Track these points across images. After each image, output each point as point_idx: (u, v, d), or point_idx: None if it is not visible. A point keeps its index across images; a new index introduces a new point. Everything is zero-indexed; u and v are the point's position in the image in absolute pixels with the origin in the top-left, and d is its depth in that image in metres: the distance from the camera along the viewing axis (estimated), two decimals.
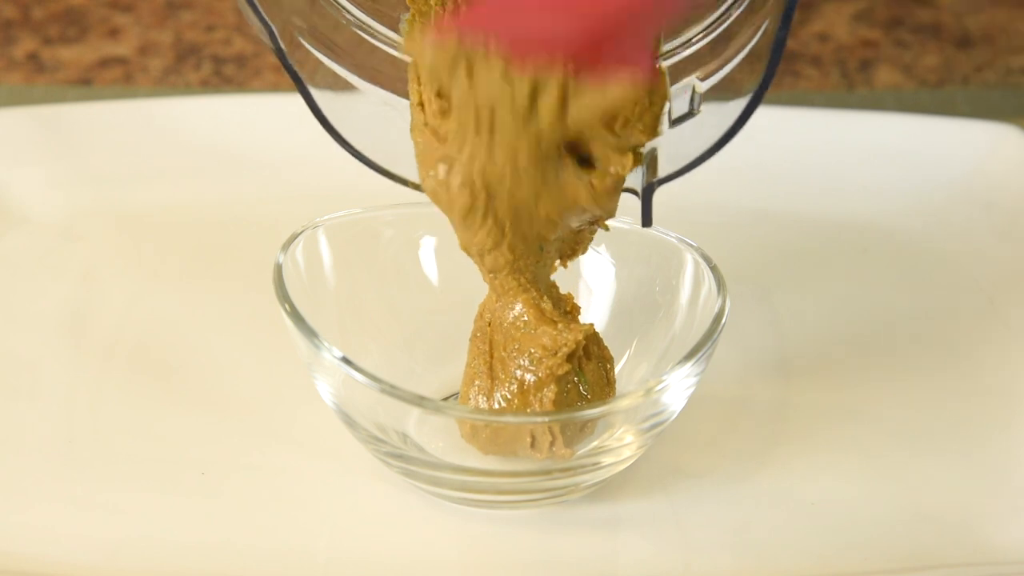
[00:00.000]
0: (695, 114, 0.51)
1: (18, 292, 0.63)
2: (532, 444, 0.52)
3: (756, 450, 0.56)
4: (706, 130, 0.50)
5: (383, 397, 0.50)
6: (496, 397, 0.53)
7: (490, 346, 0.54)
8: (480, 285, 0.54)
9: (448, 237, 0.58)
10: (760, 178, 0.70)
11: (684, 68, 0.52)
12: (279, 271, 0.53)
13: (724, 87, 0.50)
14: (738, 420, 0.58)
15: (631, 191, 0.52)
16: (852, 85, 0.82)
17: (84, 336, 0.61)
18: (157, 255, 0.66)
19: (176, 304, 0.63)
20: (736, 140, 0.50)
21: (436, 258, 0.59)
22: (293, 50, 0.51)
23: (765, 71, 0.47)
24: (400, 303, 0.58)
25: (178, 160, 0.70)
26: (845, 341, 0.62)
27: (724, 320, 0.52)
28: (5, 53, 0.83)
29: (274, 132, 0.71)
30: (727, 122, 0.49)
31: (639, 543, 0.53)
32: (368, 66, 0.54)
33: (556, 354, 0.52)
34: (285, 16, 0.51)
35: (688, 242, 0.56)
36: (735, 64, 0.50)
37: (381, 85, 0.54)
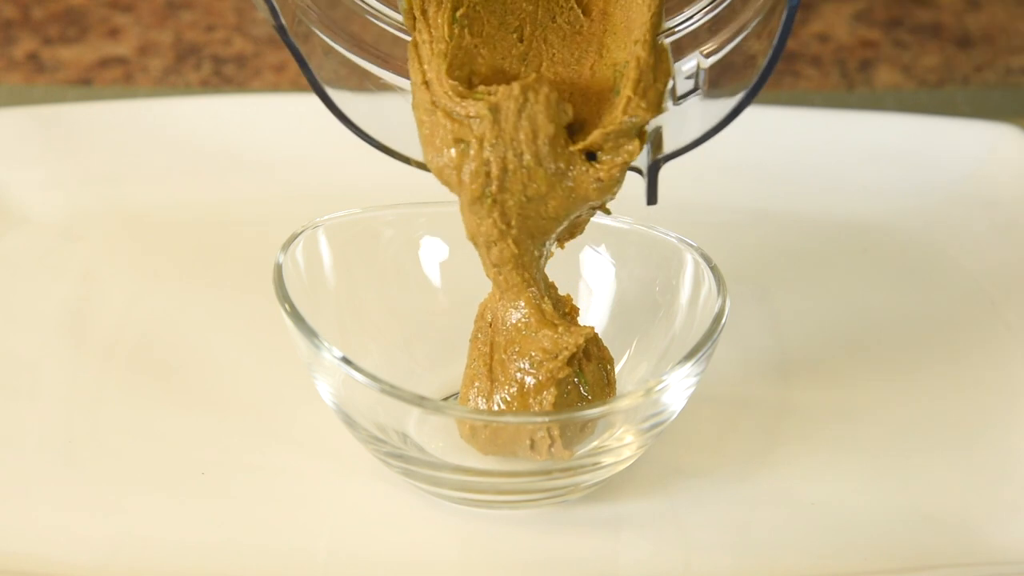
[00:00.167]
0: (700, 91, 0.51)
1: (18, 292, 0.63)
2: (531, 446, 0.52)
3: (756, 450, 0.56)
4: (713, 106, 0.50)
5: (383, 397, 0.50)
6: (496, 399, 0.53)
7: (491, 348, 0.54)
8: (480, 285, 0.54)
9: (448, 237, 0.58)
10: (760, 178, 0.70)
11: (689, 44, 0.52)
12: (279, 271, 0.53)
13: (732, 62, 0.50)
14: (738, 420, 0.58)
15: (636, 170, 0.52)
16: (852, 85, 0.82)
17: (84, 336, 0.61)
18: (157, 255, 0.66)
19: (176, 304, 0.63)
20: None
21: (436, 258, 0.59)
22: (294, 27, 0.51)
23: (775, 44, 0.47)
24: (400, 303, 0.58)
25: (178, 160, 0.70)
26: (845, 341, 0.62)
27: (724, 320, 0.52)
28: (5, 53, 0.83)
29: (274, 132, 0.71)
30: (735, 98, 0.49)
31: (639, 543, 0.53)
32: (367, 44, 0.54)
33: (556, 357, 0.52)
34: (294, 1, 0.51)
35: (688, 242, 0.56)
36: (742, 39, 0.50)
37: (380, 63, 0.54)
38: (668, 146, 0.52)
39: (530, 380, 0.52)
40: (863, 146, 0.72)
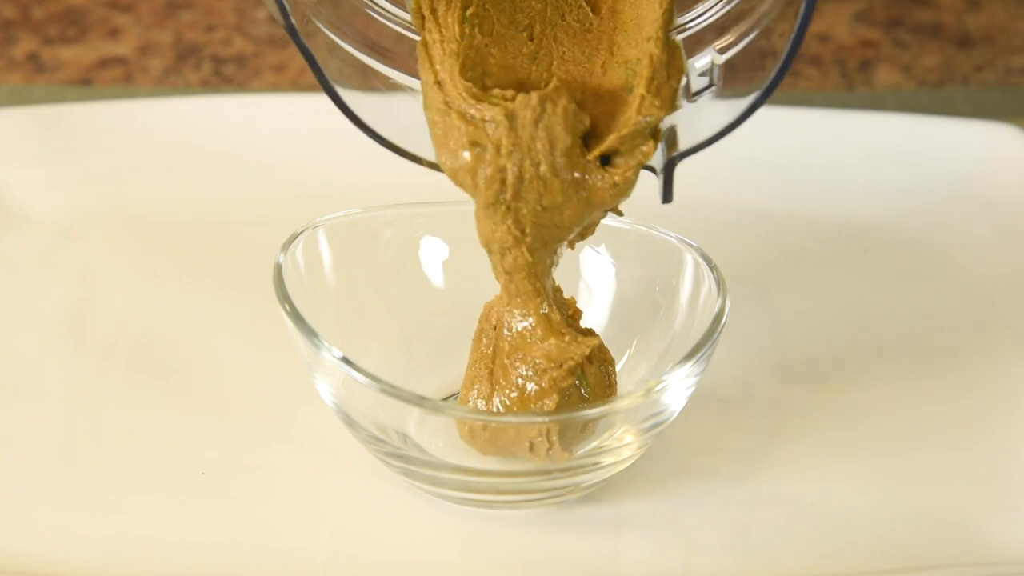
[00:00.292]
0: (715, 87, 0.51)
1: (18, 292, 0.63)
2: (530, 448, 0.52)
3: (756, 450, 0.56)
4: (729, 103, 0.49)
5: (383, 397, 0.50)
6: (495, 402, 0.53)
7: (494, 351, 0.53)
8: (480, 285, 0.54)
9: (448, 237, 0.58)
10: (760, 178, 0.70)
11: (701, 40, 0.52)
12: (279, 271, 0.53)
13: (747, 59, 0.50)
14: (738, 420, 0.58)
15: (649, 168, 0.52)
16: (852, 85, 0.82)
17: (84, 336, 0.61)
18: (157, 255, 0.66)
19: (176, 304, 0.63)
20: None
21: (436, 258, 0.59)
22: (304, 27, 0.51)
23: (792, 40, 0.46)
24: (400, 303, 0.58)
25: (178, 160, 0.70)
26: (845, 341, 0.62)
27: (724, 320, 0.52)
28: (5, 53, 0.83)
29: (274, 132, 0.71)
30: (754, 92, 0.48)
31: (639, 543, 0.53)
32: (377, 44, 0.54)
33: (561, 366, 0.52)
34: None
35: (688, 242, 0.56)
36: (757, 34, 0.50)
37: (390, 63, 0.54)
38: (683, 144, 0.51)
39: (532, 386, 0.52)
40: (863, 146, 0.72)
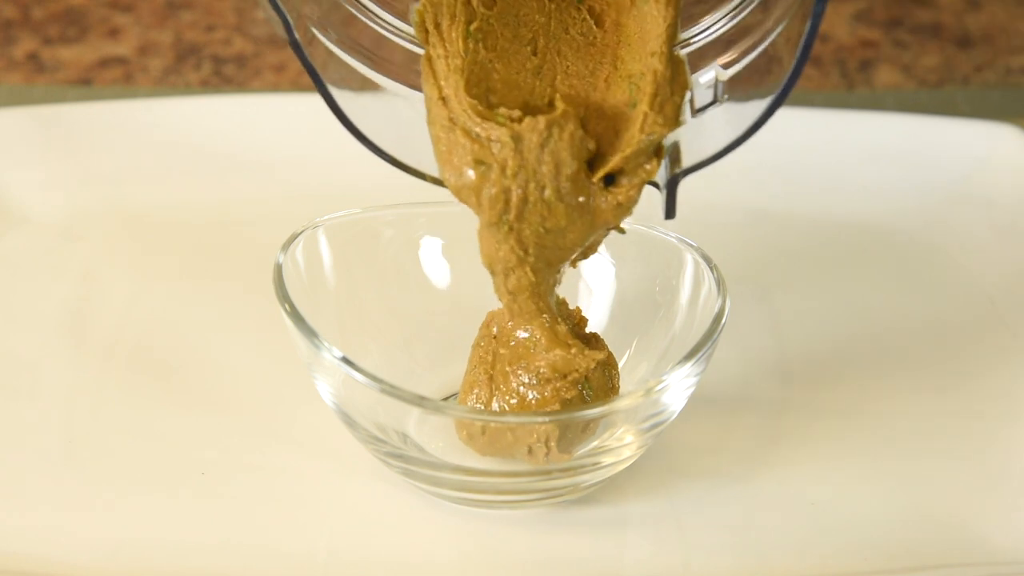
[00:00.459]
0: (720, 102, 0.51)
1: (18, 292, 0.63)
2: (528, 452, 0.52)
3: (756, 450, 0.56)
4: (733, 119, 0.49)
5: (383, 397, 0.50)
6: (494, 409, 0.53)
7: (493, 357, 0.53)
8: (480, 285, 0.54)
9: (448, 237, 0.58)
10: (760, 178, 0.70)
11: (706, 55, 0.51)
12: (279, 271, 0.53)
13: (752, 74, 0.50)
14: (738, 420, 0.58)
15: (652, 184, 0.51)
16: (852, 85, 0.82)
17: (84, 336, 0.61)
18: (157, 255, 0.66)
19: (176, 304, 0.63)
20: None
21: (436, 258, 0.59)
22: (307, 41, 0.51)
23: (798, 54, 0.46)
24: (400, 303, 0.58)
25: (178, 160, 0.70)
26: (845, 341, 0.62)
27: (724, 320, 0.52)
28: (5, 53, 0.83)
29: (274, 132, 0.71)
30: (756, 110, 0.48)
31: (639, 543, 0.53)
32: (381, 58, 0.53)
33: (566, 377, 0.52)
34: (299, 7, 0.51)
35: (688, 242, 0.56)
36: (762, 49, 0.49)
37: (394, 77, 0.54)
38: (687, 159, 0.51)
39: (534, 394, 0.52)
40: (863, 146, 0.72)
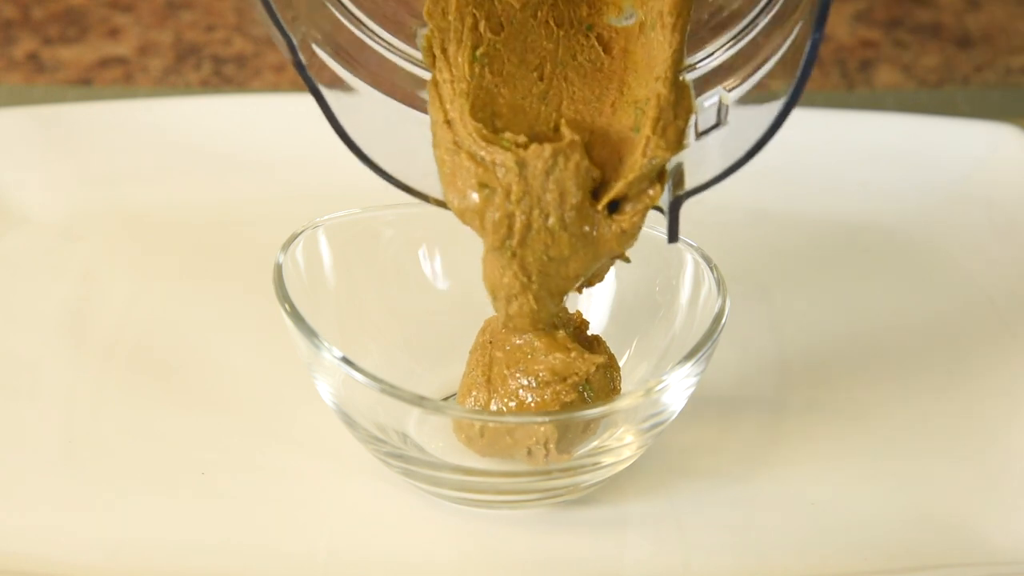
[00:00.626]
0: (723, 125, 0.51)
1: (18, 292, 0.63)
2: (528, 453, 0.52)
3: (756, 450, 0.56)
4: (734, 142, 0.49)
5: (383, 397, 0.50)
6: (492, 410, 0.53)
7: (490, 360, 0.53)
8: (481, 285, 0.54)
9: (448, 238, 0.58)
10: (760, 178, 0.70)
11: (711, 80, 0.51)
12: (279, 271, 0.53)
13: (754, 96, 0.50)
14: (738, 420, 0.58)
15: (657, 208, 0.52)
16: (852, 85, 0.82)
17: (84, 336, 0.61)
18: (157, 255, 0.66)
19: (176, 304, 0.63)
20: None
21: (436, 258, 0.59)
22: (312, 62, 0.51)
23: (798, 76, 0.46)
24: (400, 303, 0.58)
25: (178, 160, 0.70)
26: (845, 341, 0.62)
27: (724, 320, 0.52)
28: (5, 53, 0.83)
29: (274, 132, 0.71)
30: (759, 131, 0.48)
31: (639, 543, 0.53)
32: (387, 80, 0.53)
33: (565, 380, 0.52)
34: (305, 29, 0.51)
35: (688, 242, 0.56)
36: (765, 72, 0.49)
37: (401, 100, 0.54)
38: (690, 182, 0.51)
39: (532, 397, 0.52)
40: (863, 146, 0.72)
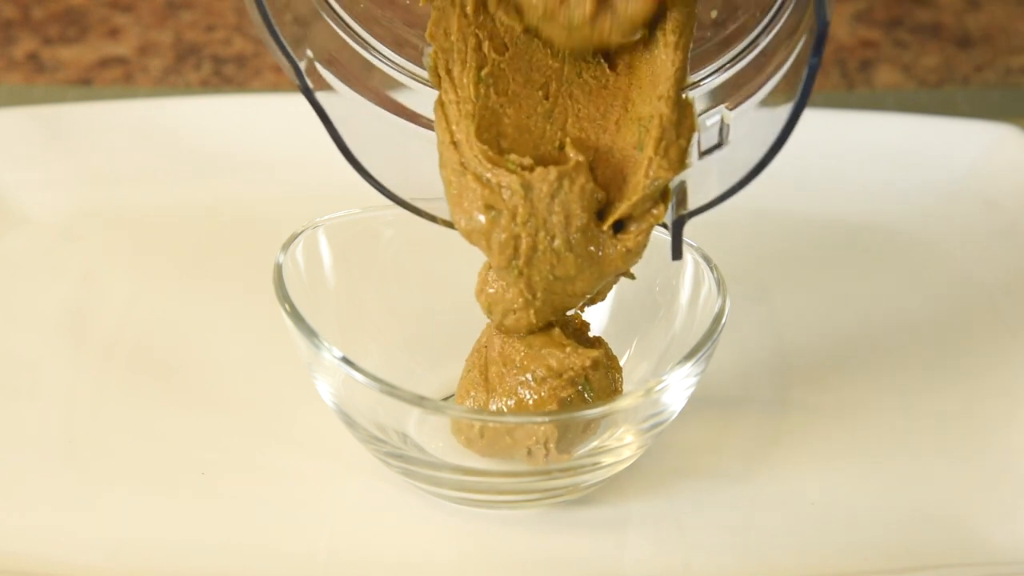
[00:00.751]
0: (725, 145, 0.51)
1: (18, 292, 0.63)
2: (528, 454, 0.52)
3: (756, 450, 0.56)
4: (738, 160, 0.49)
5: (383, 397, 0.50)
6: (492, 410, 0.53)
7: (487, 360, 0.54)
8: None
9: (448, 237, 0.58)
10: (760, 178, 0.70)
11: (714, 98, 0.51)
12: (279, 271, 0.53)
13: (755, 116, 0.50)
14: (738, 420, 0.58)
15: (661, 225, 0.52)
16: (852, 85, 0.82)
17: (84, 336, 0.61)
18: (157, 255, 0.66)
19: (176, 304, 0.63)
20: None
21: (436, 258, 0.59)
22: (317, 82, 0.51)
23: (797, 98, 0.47)
24: (400, 303, 0.58)
25: (178, 160, 0.70)
26: (845, 341, 0.62)
27: (724, 320, 0.53)
28: (5, 53, 0.83)
29: (274, 132, 0.71)
30: (759, 151, 0.48)
31: (639, 543, 0.53)
32: (393, 100, 0.53)
33: (561, 376, 0.52)
34: (311, 54, 0.51)
35: (688, 242, 0.56)
36: (766, 93, 0.50)
37: (407, 119, 0.54)
38: (692, 201, 0.51)
39: (530, 394, 0.52)
40: (863, 146, 0.72)
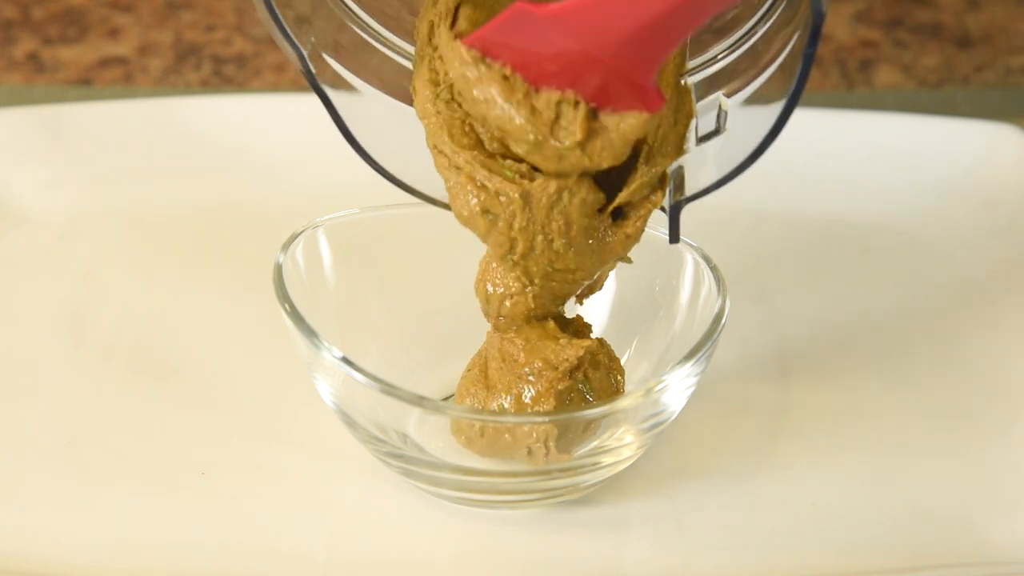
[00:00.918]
0: (722, 131, 0.51)
1: (18, 292, 0.63)
2: (528, 454, 0.52)
3: (756, 450, 0.56)
4: (735, 146, 0.49)
5: (383, 397, 0.50)
6: (492, 408, 0.53)
7: (486, 360, 0.54)
8: None
9: (448, 237, 0.58)
10: (760, 178, 0.70)
11: (710, 85, 0.51)
12: (279, 271, 0.53)
13: (753, 103, 0.50)
14: (738, 420, 0.58)
15: (659, 209, 0.52)
16: (852, 85, 0.82)
17: (84, 336, 0.61)
18: (157, 255, 0.66)
19: (176, 304, 0.63)
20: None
21: (436, 258, 0.59)
22: (321, 69, 0.51)
23: (794, 87, 0.47)
24: (400, 303, 0.58)
25: (178, 160, 0.70)
26: (845, 341, 0.62)
27: (724, 320, 0.53)
28: (5, 53, 0.83)
29: (274, 132, 0.71)
30: (756, 138, 0.48)
31: (639, 543, 0.53)
32: (397, 86, 0.53)
33: (557, 368, 0.52)
34: (314, 39, 0.51)
35: (688, 242, 0.56)
36: (763, 80, 0.50)
37: (407, 101, 0.53)
38: (690, 187, 0.51)
39: (528, 389, 0.52)
40: (863, 146, 0.72)
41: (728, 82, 0.51)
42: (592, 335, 0.55)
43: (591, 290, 0.54)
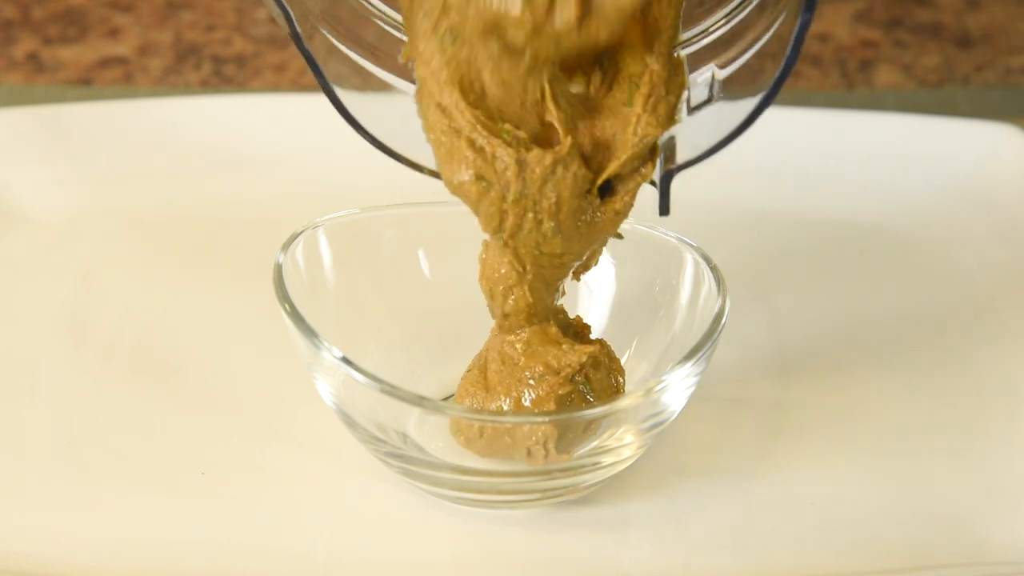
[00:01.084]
0: (714, 101, 0.51)
1: (18, 292, 0.63)
2: (528, 454, 0.52)
3: (756, 450, 0.56)
4: (726, 116, 0.50)
5: (383, 397, 0.50)
6: (491, 410, 0.53)
7: (486, 362, 0.54)
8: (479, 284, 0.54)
9: (448, 237, 0.58)
10: (760, 178, 0.70)
11: (703, 56, 0.52)
12: (279, 271, 0.53)
13: (745, 73, 0.50)
14: (738, 420, 0.58)
15: (649, 182, 0.52)
16: (852, 85, 0.82)
17: (84, 336, 0.61)
18: (157, 255, 0.66)
19: (176, 304, 0.63)
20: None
21: (436, 258, 0.59)
22: (308, 36, 0.51)
23: (787, 56, 0.47)
24: (400, 303, 0.58)
25: (178, 160, 0.70)
26: (845, 341, 0.62)
27: (724, 320, 0.53)
28: (5, 53, 0.83)
29: (274, 132, 0.71)
30: (748, 107, 0.48)
31: (639, 543, 0.53)
32: (383, 52, 0.53)
33: (559, 373, 0.52)
34: (305, 3, 0.51)
35: (688, 242, 0.56)
36: (756, 50, 0.50)
37: (396, 72, 0.54)
38: (681, 155, 0.51)
39: (528, 392, 0.52)
40: (863, 146, 0.72)
41: (722, 52, 0.51)
42: (592, 335, 0.55)
43: (586, 267, 0.54)
